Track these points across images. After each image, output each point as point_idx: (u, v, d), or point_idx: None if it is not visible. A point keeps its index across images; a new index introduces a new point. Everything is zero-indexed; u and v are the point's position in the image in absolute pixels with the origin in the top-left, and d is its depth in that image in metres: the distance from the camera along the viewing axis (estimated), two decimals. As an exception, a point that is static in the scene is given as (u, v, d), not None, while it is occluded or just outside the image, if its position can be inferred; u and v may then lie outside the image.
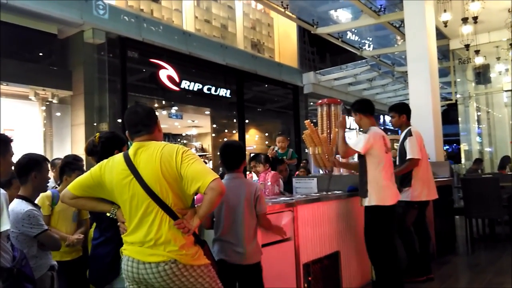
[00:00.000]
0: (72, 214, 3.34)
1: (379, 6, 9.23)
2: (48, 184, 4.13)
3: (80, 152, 7.02)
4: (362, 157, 3.86)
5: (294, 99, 13.65)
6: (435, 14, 7.64)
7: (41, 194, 3.36)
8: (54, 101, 7.89)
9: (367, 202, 3.80)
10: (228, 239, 2.73)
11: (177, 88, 9.77)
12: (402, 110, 4.64)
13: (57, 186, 3.74)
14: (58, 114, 8.30)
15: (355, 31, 11.81)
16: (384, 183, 3.76)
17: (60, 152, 7.88)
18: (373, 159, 3.78)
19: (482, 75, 12.05)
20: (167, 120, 11.29)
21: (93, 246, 2.73)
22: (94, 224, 2.84)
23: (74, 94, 8.10)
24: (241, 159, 2.91)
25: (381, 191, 3.75)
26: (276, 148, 6.05)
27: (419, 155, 4.38)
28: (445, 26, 8.00)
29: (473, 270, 5.26)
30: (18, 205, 2.68)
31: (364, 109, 4.00)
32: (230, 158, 2.88)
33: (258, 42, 12.94)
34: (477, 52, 10.30)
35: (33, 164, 2.75)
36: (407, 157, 4.38)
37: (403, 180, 4.50)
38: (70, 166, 3.41)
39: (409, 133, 4.45)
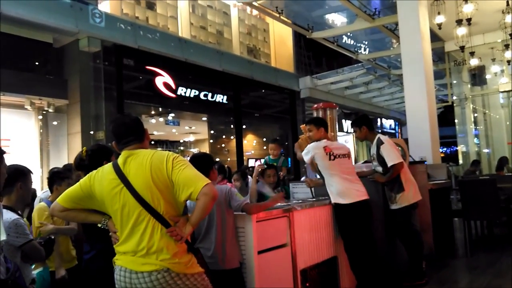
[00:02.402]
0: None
1: (374, 10, 9.25)
2: (47, 193, 4.14)
3: (77, 160, 7.01)
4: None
5: (291, 103, 13.65)
6: (429, 16, 7.66)
7: (39, 207, 3.34)
8: (50, 110, 7.88)
9: (332, 201, 4.09)
10: (204, 246, 2.87)
11: (173, 95, 9.77)
12: (360, 123, 4.72)
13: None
14: (55, 123, 8.28)
15: (351, 35, 11.83)
16: (340, 186, 4.02)
17: (56, 161, 7.85)
18: (320, 166, 4.13)
19: (477, 77, 12.05)
20: (164, 127, 11.27)
21: (85, 261, 2.69)
22: None
23: (70, 103, 8.08)
24: (208, 168, 2.98)
25: (338, 192, 4.01)
26: (267, 157, 6.02)
27: (399, 159, 4.47)
28: (440, 28, 8.01)
29: (472, 273, 5.23)
30: (4, 214, 2.66)
31: (317, 123, 4.39)
32: (197, 169, 2.94)
33: (254, 47, 12.97)
34: (472, 53, 10.33)
35: (19, 175, 2.73)
36: (389, 165, 4.44)
37: (393, 186, 4.51)
38: (59, 176, 3.40)
39: (380, 142, 4.53)
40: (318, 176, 5.11)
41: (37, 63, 8.12)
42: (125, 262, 2.04)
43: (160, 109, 10.58)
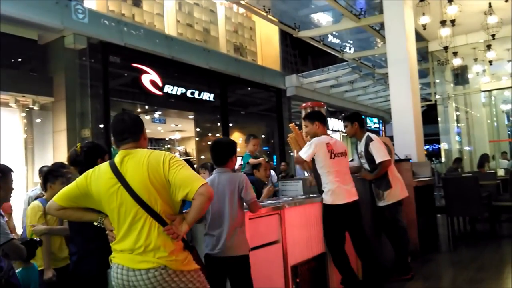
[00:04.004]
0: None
1: (360, 10, 9.36)
2: (36, 191, 4.08)
3: (63, 159, 6.94)
4: (313, 163, 4.13)
5: (277, 101, 13.73)
6: (414, 17, 7.78)
7: (33, 206, 3.32)
8: (35, 107, 7.76)
9: (323, 200, 4.07)
10: (213, 233, 2.84)
11: (160, 93, 9.73)
12: (353, 119, 4.80)
13: (43, 193, 3.71)
14: (39, 120, 8.17)
15: (336, 34, 11.95)
16: (333, 186, 4.00)
17: (41, 159, 7.77)
18: (319, 164, 4.07)
19: (460, 76, 12.33)
20: (150, 125, 11.22)
21: (73, 263, 2.67)
22: None
23: (55, 100, 7.98)
24: (228, 155, 3.03)
25: (331, 192, 4.00)
26: (246, 154, 5.93)
27: (387, 156, 4.56)
28: (424, 29, 8.16)
29: (455, 267, 5.38)
30: None
31: (311, 117, 4.30)
32: (217, 154, 3.04)
33: (240, 45, 12.98)
34: (455, 53, 10.55)
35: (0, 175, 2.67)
36: (377, 161, 4.52)
37: (380, 184, 4.60)
38: (53, 174, 3.39)
39: (370, 139, 4.61)
40: (307, 174, 5.20)
41: (21, 60, 8.01)
42: (122, 259, 2.06)
43: (146, 106, 10.53)
